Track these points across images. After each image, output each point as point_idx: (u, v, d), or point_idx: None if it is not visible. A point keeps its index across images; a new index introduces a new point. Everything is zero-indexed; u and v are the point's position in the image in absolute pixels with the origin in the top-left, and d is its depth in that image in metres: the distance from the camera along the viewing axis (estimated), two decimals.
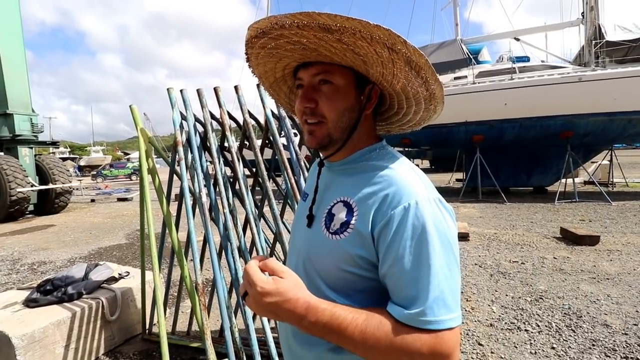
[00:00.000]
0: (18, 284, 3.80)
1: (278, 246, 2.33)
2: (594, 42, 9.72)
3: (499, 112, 9.05)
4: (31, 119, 9.07)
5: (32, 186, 8.42)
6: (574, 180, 8.71)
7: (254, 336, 1.83)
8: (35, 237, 6.38)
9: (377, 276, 0.62)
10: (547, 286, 3.38)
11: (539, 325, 2.64)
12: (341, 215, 0.66)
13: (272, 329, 1.96)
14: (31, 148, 9.19)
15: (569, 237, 5.00)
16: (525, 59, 11.13)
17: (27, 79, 9.13)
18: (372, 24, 0.55)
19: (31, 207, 8.75)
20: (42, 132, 9.54)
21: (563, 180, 9.06)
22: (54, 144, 10.62)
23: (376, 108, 0.74)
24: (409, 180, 0.63)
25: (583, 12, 10.73)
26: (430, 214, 0.59)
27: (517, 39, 11.77)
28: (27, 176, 8.33)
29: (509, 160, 10.09)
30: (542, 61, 11.23)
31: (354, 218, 0.64)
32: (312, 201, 0.75)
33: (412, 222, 0.58)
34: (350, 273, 0.63)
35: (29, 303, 2.24)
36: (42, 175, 9.15)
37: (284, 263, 0.84)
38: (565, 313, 2.82)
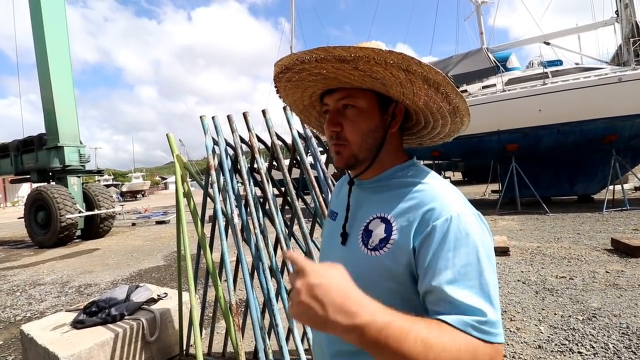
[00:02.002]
0: (66, 306, 4.03)
1: None
2: (632, 40, 9.18)
3: (533, 119, 8.68)
4: (79, 150, 9.82)
5: (79, 213, 9.02)
6: (622, 187, 8.09)
7: (287, 358, 1.82)
8: (82, 261, 6.78)
9: (416, 290, 0.61)
10: (601, 303, 3.10)
11: (593, 347, 2.42)
12: (379, 230, 0.66)
13: (305, 350, 1.93)
14: (79, 177, 9.91)
15: (621, 249, 4.60)
16: (558, 62, 10.68)
17: (76, 114, 9.96)
18: (384, 50, 0.58)
19: (79, 232, 9.35)
20: (88, 162, 10.30)
21: (610, 187, 8.43)
22: (99, 172, 11.38)
23: (403, 124, 0.75)
24: (447, 195, 0.64)
25: (617, 10, 10.22)
26: (472, 227, 0.60)
27: (547, 43, 11.35)
28: (75, 203, 8.96)
29: (548, 168, 9.56)
30: (577, 64, 10.72)
31: (393, 233, 0.64)
32: (345, 219, 0.75)
33: (454, 234, 0.58)
34: (390, 289, 0.63)
35: (76, 324, 2.37)
36: (89, 201, 9.80)
37: None
38: (623, 333, 2.56)
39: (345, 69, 0.61)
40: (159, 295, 2.79)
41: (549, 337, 2.61)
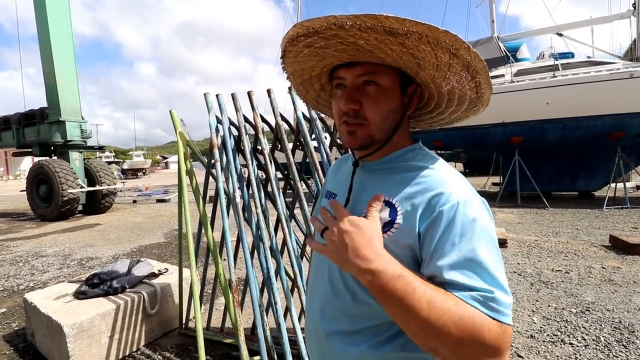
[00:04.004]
0: (68, 277, 4.10)
1: (308, 248, 2.35)
2: None
3: (540, 112, 8.57)
4: (81, 125, 9.77)
5: (81, 188, 9.06)
6: (625, 185, 8.06)
7: (285, 335, 1.86)
8: (84, 235, 6.86)
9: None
10: (595, 297, 3.14)
11: (585, 339, 2.46)
12: (384, 214, 0.64)
13: (302, 329, 1.97)
14: (81, 152, 9.90)
15: (619, 246, 4.62)
16: (569, 55, 10.46)
17: (77, 89, 9.87)
18: (440, 29, 0.54)
19: (80, 207, 9.40)
20: (90, 137, 10.27)
21: (612, 185, 8.39)
22: (101, 148, 11.36)
23: None
24: (454, 181, 0.63)
25: (634, 3, 9.95)
26: (477, 213, 0.59)
27: (560, 34, 11.11)
28: (77, 178, 8.98)
29: (551, 162, 9.50)
30: (588, 57, 10.51)
31: (398, 217, 0.63)
32: (346, 201, 0.72)
33: (461, 219, 0.58)
34: None
35: (79, 295, 2.41)
36: (90, 177, 9.82)
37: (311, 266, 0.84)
38: (615, 327, 2.61)
39: (389, 42, 0.56)
40: (159, 271, 2.83)
41: (541, 327, 2.66)
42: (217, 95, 2.31)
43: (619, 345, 2.37)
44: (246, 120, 2.26)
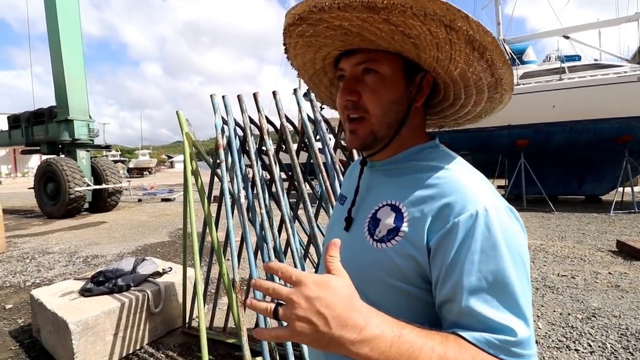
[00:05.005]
0: (74, 275, 4.14)
1: (312, 249, 2.36)
2: None
3: (546, 115, 8.50)
4: (88, 124, 9.89)
5: (87, 186, 9.15)
6: (632, 189, 7.96)
7: None
8: (90, 233, 6.92)
9: (428, 293, 0.54)
10: (601, 303, 3.11)
11: (590, 345, 2.44)
12: (388, 220, 0.58)
13: None
14: (88, 151, 10.02)
15: (626, 251, 4.56)
16: (576, 57, 10.38)
17: (86, 89, 9.99)
18: None
19: (86, 205, 9.50)
20: (97, 136, 10.39)
21: (620, 189, 8.30)
22: (108, 147, 11.48)
23: (428, 99, 0.64)
24: (473, 184, 0.54)
25: None
26: (503, 224, 0.50)
27: (567, 37, 11.01)
28: (84, 177, 9.07)
29: (557, 166, 9.42)
30: (595, 60, 10.41)
31: (404, 224, 0.55)
32: (352, 203, 0.67)
33: (482, 233, 0.48)
34: (396, 288, 0.55)
35: (84, 292, 2.44)
36: (97, 176, 9.92)
37: (316, 269, 0.80)
38: (622, 334, 2.58)
39: (373, 21, 0.50)
40: (163, 269, 2.85)
41: (546, 333, 2.64)
42: (223, 97, 2.32)
43: (626, 352, 2.34)
44: (251, 121, 2.28)
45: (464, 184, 0.54)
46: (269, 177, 2.23)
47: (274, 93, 2.28)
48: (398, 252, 0.54)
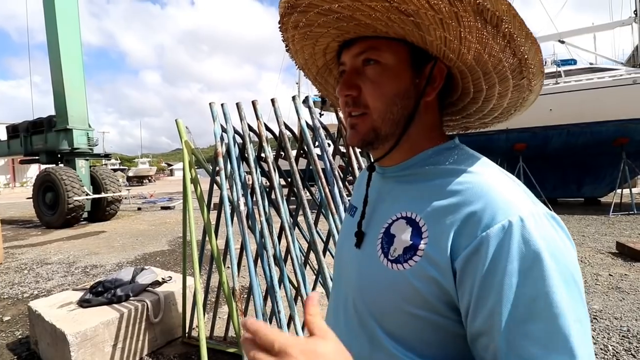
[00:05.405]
0: (73, 285, 4.11)
1: (312, 256, 2.35)
2: None
3: (543, 119, 8.57)
4: (88, 133, 9.89)
5: (87, 195, 9.13)
6: (631, 191, 7.99)
7: None
8: (89, 242, 6.89)
9: (455, 323, 0.45)
10: (602, 305, 3.10)
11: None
12: (404, 236, 0.49)
13: None
14: (87, 160, 10.01)
15: (626, 253, 4.56)
16: (572, 61, 10.50)
17: (85, 97, 10.02)
18: None
19: (85, 215, 9.47)
20: (96, 145, 10.40)
21: (619, 191, 8.33)
22: (107, 156, 11.46)
23: (444, 96, 0.57)
24: (503, 188, 0.45)
25: (636, 10, 9.99)
26: (545, 235, 0.41)
27: (562, 42, 11.13)
28: (83, 186, 9.06)
29: (556, 169, 9.46)
30: (591, 63, 10.52)
31: (422, 241, 0.47)
32: (361, 215, 0.59)
33: (518, 248, 0.40)
34: (418, 317, 0.46)
35: (83, 303, 2.42)
36: (96, 185, 9.90)
37: (317, 276, 0.78)
38: (623, 336, 2.57)
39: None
40: (163, 279, 2.84)
41: None
42: (222, 105, 2.34)
43: (628, 354, 2.33)
44: (250, 128, 2.29)
45: (493, 189, 0.45)
46: (268, 184, 2.24)
47: (272, 101, 2.29)
48: (417, 274, 0.46)
